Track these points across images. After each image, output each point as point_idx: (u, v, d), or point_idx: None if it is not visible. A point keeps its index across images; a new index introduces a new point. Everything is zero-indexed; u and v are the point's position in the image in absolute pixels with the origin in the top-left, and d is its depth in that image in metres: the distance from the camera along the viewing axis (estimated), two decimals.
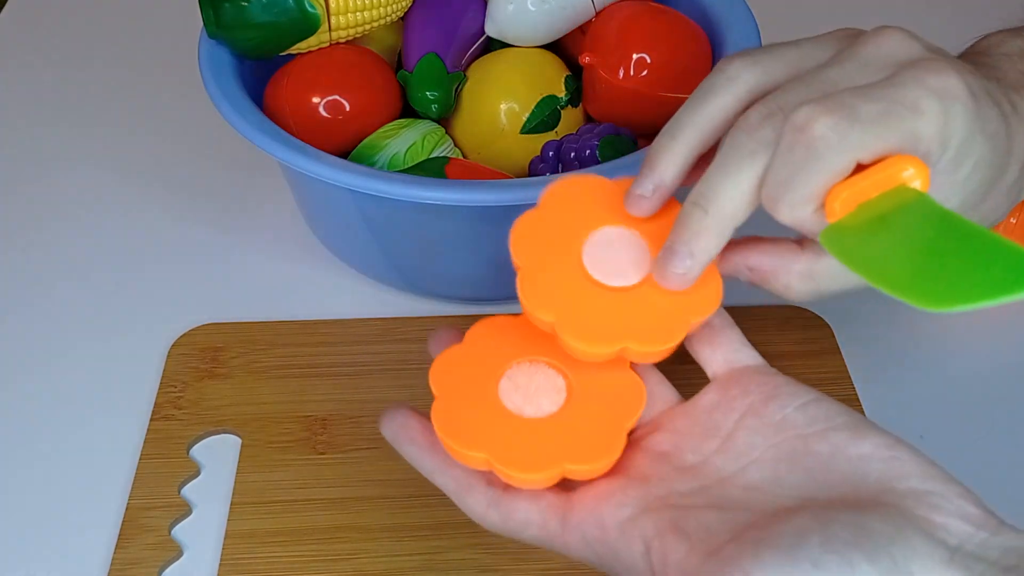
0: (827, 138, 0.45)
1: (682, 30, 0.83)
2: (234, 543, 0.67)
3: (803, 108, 0.45)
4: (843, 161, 0.45)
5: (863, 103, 0.45)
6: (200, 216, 0.91)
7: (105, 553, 0.67)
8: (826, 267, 0.50)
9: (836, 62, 0.49)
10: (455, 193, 0.70)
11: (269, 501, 0.69)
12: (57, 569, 0.67)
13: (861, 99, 0.45)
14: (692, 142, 0.51)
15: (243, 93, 0.78)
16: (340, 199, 0.77)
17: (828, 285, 0.51)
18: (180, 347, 0.78)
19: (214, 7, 0.78)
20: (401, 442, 0.53)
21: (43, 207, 0.93)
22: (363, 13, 0.82)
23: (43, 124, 1.03)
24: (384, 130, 0.82)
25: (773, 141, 0.47)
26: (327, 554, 0.66)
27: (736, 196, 0.48)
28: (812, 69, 0.49)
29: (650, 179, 0.51)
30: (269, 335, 0.79)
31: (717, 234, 0.49)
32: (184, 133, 0.99)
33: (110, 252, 0.88)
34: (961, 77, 0.46)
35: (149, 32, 1.15)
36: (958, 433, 0.74)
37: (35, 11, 1.19)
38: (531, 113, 0.82)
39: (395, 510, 0.68)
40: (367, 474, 0.70)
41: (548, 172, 0.79)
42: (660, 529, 0.46)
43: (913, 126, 0.45)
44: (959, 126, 0.46)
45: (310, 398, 0.75)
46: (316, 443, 0.72)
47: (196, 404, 0.74)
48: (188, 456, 0.72)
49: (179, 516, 0.68)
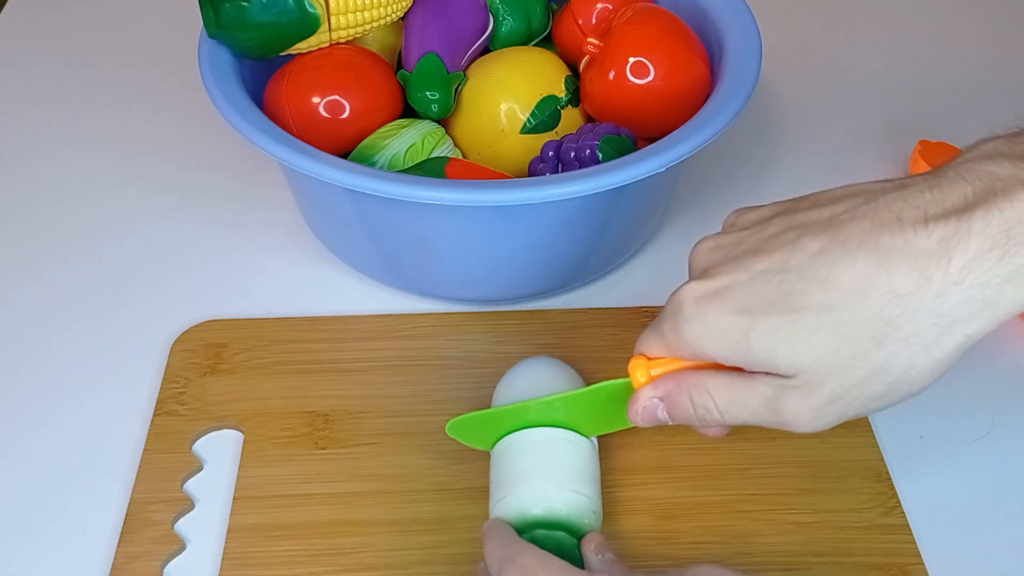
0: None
1: (675, 34, 0.85)
2: (236, 537, 0.69)
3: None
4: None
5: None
6: (202, 215, 0.94)
7: (108, 547, 0.70)
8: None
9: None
10: (455, 193, 0.72)
11: (271, 496, 0.72)
12: (61, 562, 0.69)
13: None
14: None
15: (243, 93, 0.80)
16: (339, 199, 0.79)
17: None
18: (183, 343, 0.81)
19: (214, 7, 0.80)
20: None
21: (46, 205, 0.96)
22: (363, 13, 0.84)
23: (44, 123, 1.06)
24: (384, 130, 0.84)
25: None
26: (329, 548, 0.69)
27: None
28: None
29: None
30: (271, 331, 0.82)
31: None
32: (184, 132, 1.02)
33: (114, 250, 0.91)
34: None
35: (149, 32, 1.18)
36: (958, 433, 0.77)
37: (35, 12, 1.22)
38: (531, 113, 0.85)
39: (396, 504, 0.71)
40: (369, 469, 0.73)
41: (548, 172, 0.81)
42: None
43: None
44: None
45: (312, 394, 0.78)
46: (318, 438, 0.75)
47: (199, 400, 0.77)
48: (191, 451, 0.74)
49: (182, 510, 0.71)
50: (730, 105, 0.79)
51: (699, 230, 0.91)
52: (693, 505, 0.71)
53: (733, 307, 0.55)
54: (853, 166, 1.01)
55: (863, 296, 0.52)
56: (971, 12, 1.23)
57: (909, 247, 0.51)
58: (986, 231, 0.50)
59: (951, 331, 0.51)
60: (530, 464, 0.66)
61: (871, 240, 0.52)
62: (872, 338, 0.52)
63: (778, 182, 0.99)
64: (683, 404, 0.59)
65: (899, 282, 0.51)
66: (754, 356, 0.55)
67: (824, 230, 0.54)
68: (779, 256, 0.55)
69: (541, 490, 0.64)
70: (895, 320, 0.52)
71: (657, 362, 0.60)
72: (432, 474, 0.73)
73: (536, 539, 0.61)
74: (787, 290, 0.53)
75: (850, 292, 0.52)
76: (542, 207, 0.75)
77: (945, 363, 0.52)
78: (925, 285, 0.51)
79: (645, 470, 0.73)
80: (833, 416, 0.55)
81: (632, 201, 0.82)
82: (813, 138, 1.05)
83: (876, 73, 1.14)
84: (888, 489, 0.72)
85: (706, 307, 0.56)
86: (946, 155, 0.93)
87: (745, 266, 0.56)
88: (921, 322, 0.51)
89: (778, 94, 1.10)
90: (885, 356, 0.52)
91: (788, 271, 0.54)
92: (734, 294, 0.55)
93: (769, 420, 0.56)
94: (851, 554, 0.69)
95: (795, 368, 0.54)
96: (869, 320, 0.52)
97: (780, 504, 0.72)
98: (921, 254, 0.51)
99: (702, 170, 0.97)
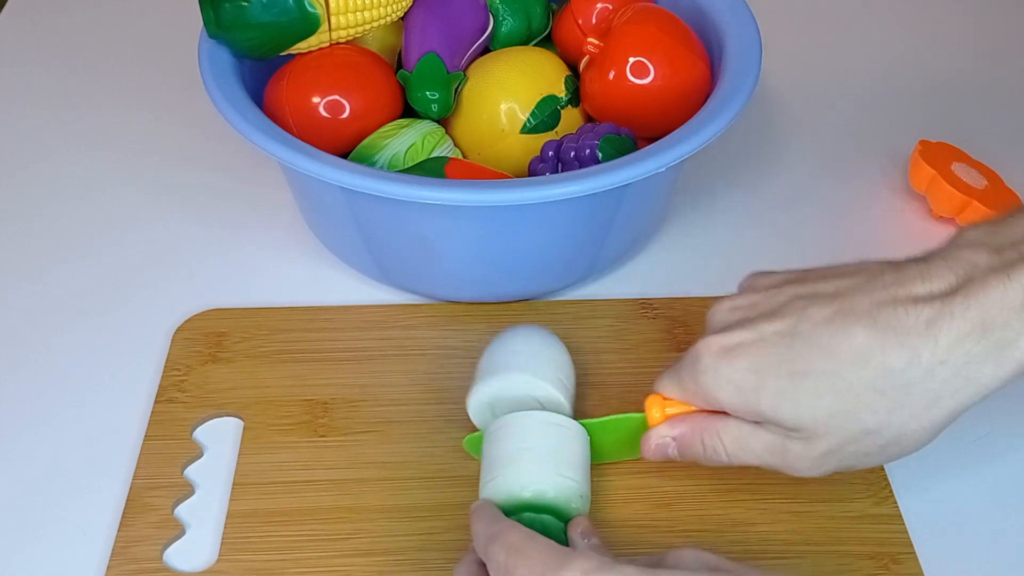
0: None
1: (675, 34, 0.86)
2: (236, 522, 0.70)
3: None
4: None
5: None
6: (202, 215, 0.95)
7: (109, 531, 0.71)
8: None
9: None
10: (455, 193, 0.73)
11: (270, 482, 0.73)
12: (62, 546, 0.70)
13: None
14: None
15: (243, 93, 0.81)
16: (339, 199, 0.80)
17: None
18: (184, 332, 0.82)
19: (214, 7, 0.81)
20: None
21: (46, 205, 0.97)
22: (363, 13, 0.85)
23: (44, 123, 1.06)
24: (384, 130, 0.84)
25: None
26: (327, 534, 0.70)
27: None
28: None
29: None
30: (272, 321, 0.83)
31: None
32: (184, 132, 1.03)
33: (115, 249, 0.92)
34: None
35: (149, 32, 1.19)
36: (958, 433, 0.78)
37: (35, 12, 1.23)
38: (531, 113, 0.85)
39: (394, 491, 0.72)
40: (367, 456, 0.74)
41: (548, 172, 0.82)
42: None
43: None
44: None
45: (311, 382, 0.79)
46: (317, 426, 0.76)
47: (200, 387, 0.78)
48: (191, 438, 0.75)
49: (182, 496, 0.72)
50: (730, 105, 0.79)
51: (699, 231, 0.93)
52: (688, 494, 0.73)
53: (746, 365, 0.61)
54: (853, 166, 1.02)
55: (860, 367, 0.58)
56: (971, 13, 1.24)
57: (901, 325, 0.57)
58: (965, 315, 0.55)
59: (938, 404, 0.57)
60: (521, 447, 0.67)
61: (868, 316, 0.58)
62: (866, 405, 0.58)
63: (778, 182, 1.00)
64: (694, 444, 0.65)
65: (892, 357, 0.57)
66: (762, 411, 0.61)
67: (830, 302, 0.60)
68: (789, 322, 0.60)
69: (531, 473, 0.66)
70: (888, 392, 0.57)
71: (672, 403, 0.66)
72: (429, 462, 0.74)
73: (523, 521, 0.62)
74: (793, 355, 0.60)
75: (848, 362, 0.58)
76: (542, 207, 0.76)
77: (932, 431, 0.59)
78: (915, 362, 0.56)
79: (641, 459, 0.73)
80: (830, 466, 0.62)
81: (632, 201, 0.82)
82: (813, 138, 1.06)
83: (876, 73, 1.14)
84: (881, 479, 0.73)
85: (721, 362, 0.62)
86: (946, 155, 0.94)
87: (758, 328, 0.61)
88: (911, 395, 0.57)
89: (778, 94, 1.10)
90: (877, 422, 0.58)
91: (796, 336, 0.60)
92: (747, 352, 0.61)
93: (772, 464, 0.63)
94: (844, 543, 0.70)
95: (797, 424, 0.60)
96: (865, 389, 0.58)
97: (774, 493, 0.72)
98: (911, 332, 0.56)
99: (702, 170, 0.97)
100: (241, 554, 0.69)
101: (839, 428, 0.59)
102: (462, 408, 0.72)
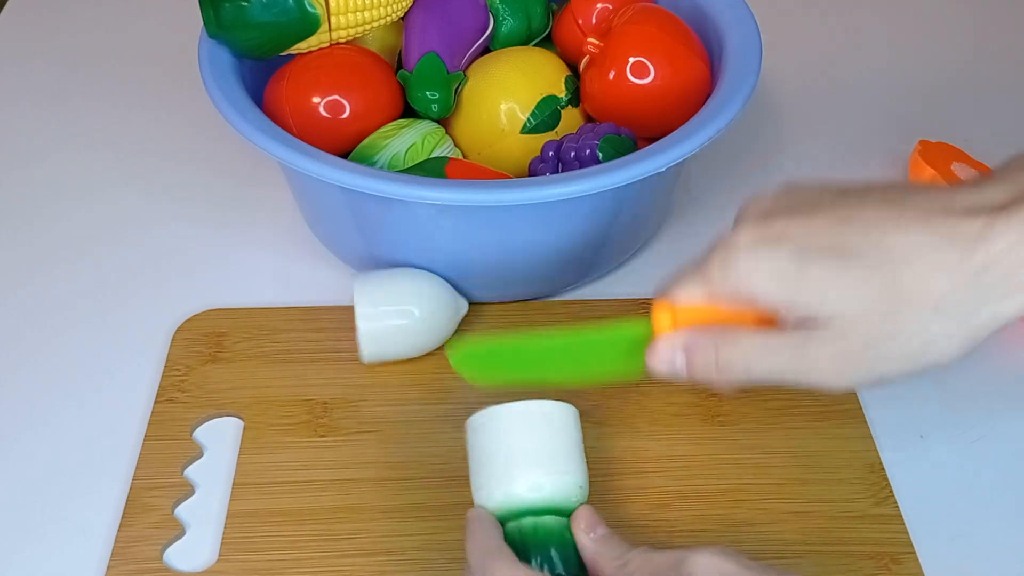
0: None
1: (675, 34, 0.86)
2: (236, 522, 0.71)
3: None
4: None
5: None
6: (202, 215, 0.96)
7: (109, 531, 0.71)
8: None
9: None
10: (455, 193, 0.73)
11: (270, 482, 0.73)
12: (62, 546, 0.71)
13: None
14: None
15: (243, 93, 0.81)
16: (339, 199, 0.80)
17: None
18: (184, 332, 0.83)
19: (214, 7, 0.82)
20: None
21: (46, 205, 0.98)
22: (363, 13, 0.85)
23: (44, 123, 1.07)
24: (384, 130, 0.85)
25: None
26: (327, 534, 0.70)
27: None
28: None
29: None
30: (272, 321, 0.84)
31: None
32: (184, 132, 1.04)
33: (115, 249, 0.93)
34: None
35: (149, 32, 1.19)
36: (958, 433, 0.78)
37: (35, 12, 1.23)
38: (531, 113, 0.86)
39: (394, 491, 0.73)
40: (367, 456, 0.75)
41: (548, 172, 0.82)
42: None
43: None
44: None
45: (311, 382, 0.79)
46: (317, 426, 0.76)
47: (200, 387, 0.79)
48: (191, 438, 0.76)
49: (182, 496, 0.73)
50: (730, 105, 0.80)
51: (699, 231, 0.93)
52: (689, 494, 0.73)
53: (789, 247, 0.58)
54: (853, 166, 1.02)
55: (912, 262, 0.56)
56: (971, 13, 1.24)
57: (955, 230, 0.55)
58: (1020, 225, 0.54)
59: (982, 310, 0.56)
60: (510, 446, 0.65)
61: (922, 219, 0.56)
62: (913, 300, 0.56)
63: (778, 182, 0.99)
64: (707, 355, 0.62)
65: (946, 254, 0.55)
66: (801, 295, 0.58)
67: (881, 205, 0.58)
68: (839, 215, 0.59)
69: (525, 477, 0.64)
70: (937, 288, 0.56)
71: (683, 311, 0.62)
72: (429, 461, 0.75)
73: (524, 528, 0.62)
74: (844, 241, 0.58)
75: (900, 257, 0.56)
76: (542, 207, 0.76)
77: (973, 337, 0.57)
78: (968, 259, 0.55)
79: (642, 460, 0.74)
80: (853, 374, 0.59)
81: (632, 201, 0.83)
82: (813, 138, 1.06)
83: (876, 73, 1.15)
84: (881, 479, 0.74)
85: (761, 249, 0.59)
86: (946, 155, 0.94)
87: (804, 216, 0.60)
88: (959, 293, 0.55)
89: (778, 94, 1.10)
90: (917, 319, 0.56)
91: (850, 223, 0.58)
92: (792, 239, 0.59)
93: (791, 375, 0.60)
94: (844, 543, 0.70)
95: (836, 311, 0.57)
96: (914, 283, 0.56)
97: (774, 493, 0.73)
98: (966, 236, 0.55)
99: (702, 170, 0.98)
100: (241, 554, 0.69)
101: (877, 323, 0.57)
102: (462, 408, 0.71)
